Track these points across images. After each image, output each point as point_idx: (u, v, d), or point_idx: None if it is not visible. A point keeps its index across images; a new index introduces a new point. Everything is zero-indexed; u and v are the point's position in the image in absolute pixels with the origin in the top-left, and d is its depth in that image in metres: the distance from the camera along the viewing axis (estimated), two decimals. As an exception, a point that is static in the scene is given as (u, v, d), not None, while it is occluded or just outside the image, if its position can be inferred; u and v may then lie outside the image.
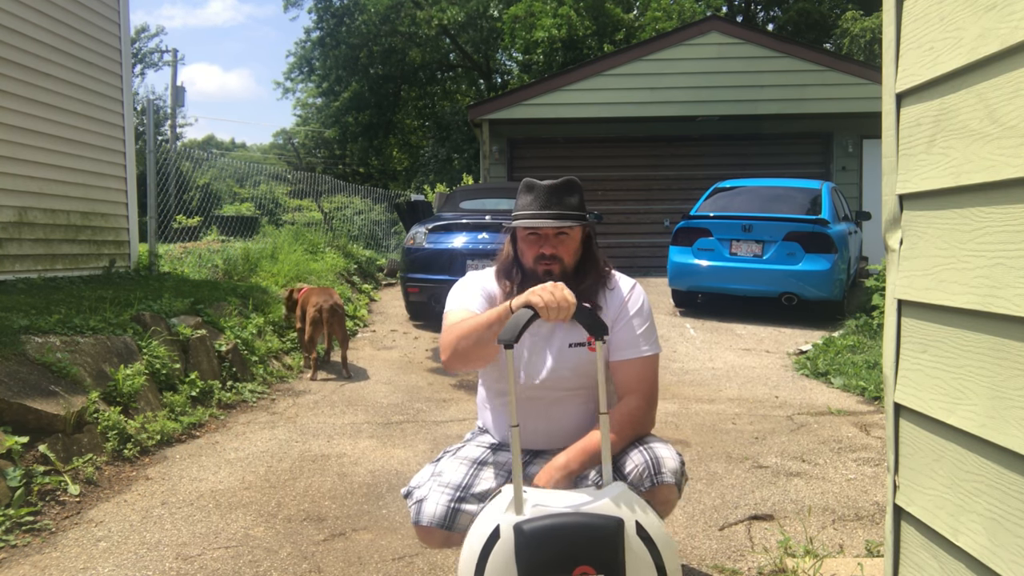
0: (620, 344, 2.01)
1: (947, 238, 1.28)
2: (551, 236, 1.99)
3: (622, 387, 2.02)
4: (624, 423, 1.93)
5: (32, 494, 2.79)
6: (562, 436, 2.01)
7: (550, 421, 2.05)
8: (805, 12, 23.87)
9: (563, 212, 1.98)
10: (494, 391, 2.17)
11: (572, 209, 1.99)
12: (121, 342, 3.98)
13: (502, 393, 2.12)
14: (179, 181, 9.34)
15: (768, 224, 7.29)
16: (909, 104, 1.41)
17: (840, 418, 4.26)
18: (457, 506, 1.92)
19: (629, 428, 1.94)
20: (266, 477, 3.25)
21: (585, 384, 2.02)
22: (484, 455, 2.09)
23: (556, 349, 2.00)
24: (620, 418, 1.93)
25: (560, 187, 2.00)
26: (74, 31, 6.25)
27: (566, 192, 2.00)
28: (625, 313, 2.02)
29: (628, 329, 2.01)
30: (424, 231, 7.25)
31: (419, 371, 5.52)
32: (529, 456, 2.07)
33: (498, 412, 2.16)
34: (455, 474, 2.00)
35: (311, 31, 27.20)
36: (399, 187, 24.12)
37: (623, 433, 1.92)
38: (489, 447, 2.13)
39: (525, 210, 2.00)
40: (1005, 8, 1.10)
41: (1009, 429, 1.11)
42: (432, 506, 1.92)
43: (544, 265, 1.99)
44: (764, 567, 2.39)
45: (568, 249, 2.01)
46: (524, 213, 2.00)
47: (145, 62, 29.72)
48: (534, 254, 2.00)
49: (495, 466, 2.05)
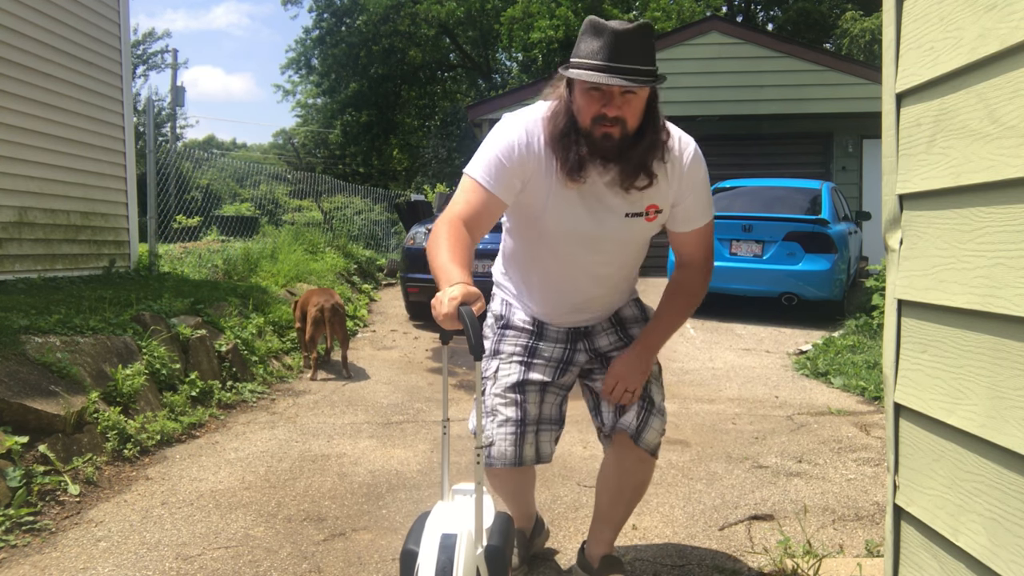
0: (683, 217, 1.93)
1: (947, 238, 1.28)
2: (616, 95, 1.70)
3: (687, 256, 2.01)
4: (690, 296, 2.00)
5: (32, 494, 2.79)
6: (603, 305, 2.04)
7: (596, 284, 2.00)
8: (805, 12, 23.86)
9: (636, 68, 1.65)
10: (526, 247, 2.01)
11: (645, 64, 1.67)
12: (121, 342, 3.98)
13: (538, 248, 1.97)
14: (179, 181, 9.33)
15: (768, 224, 7.29)
16: (909, 104, 1.40)
17: (840, 418, 4.26)
18: (521, 439, 1.96)
19: (685, 299, 2.01)
20: (266, 477, 3.25)
21: (633, 257, 2.02)
22: (523, 374, 2.01)
23: (615, 216, 1.87)
24: (688, 290, 2.00)
25: (634, 34, 1.66)
26: (74, 31, 6.25)
27: (640, 41, 1.67)
28: (688, 187, 1.89)
29: (692, 202, 1.91)
30: (424, 231, 7.25)
31: (419, 371, 5.52)
32: (568, 341, 2.05)
33: (532, 277, 2.04)
34: (509, 409, 1.99)
35: (311, 30, 27.23)
36: (399, 187, 24.12)
37: (684, 306, 2.00)
38: (524, 348, 2.04)
39: (590, 59, 1.67)
40: (1005, 8, 1.10)
41: (1009, 429, 1.11)
42: (500, 447, 1.95)
43: (604, 127, 1.73)
44: (764, 567, 2.39)
45: (634, 111, 1.73)
46: (588, 63, 1.67)
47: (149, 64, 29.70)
48: (593, 113, 1.72)
49: (543, 367, 2.03)
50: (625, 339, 2.07)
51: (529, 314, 2.07)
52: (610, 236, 1.90)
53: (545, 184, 1.83)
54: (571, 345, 2.07)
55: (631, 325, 2.11)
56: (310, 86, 29.44)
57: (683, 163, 1.87)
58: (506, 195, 1.80)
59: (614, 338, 2.09)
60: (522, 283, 2.07)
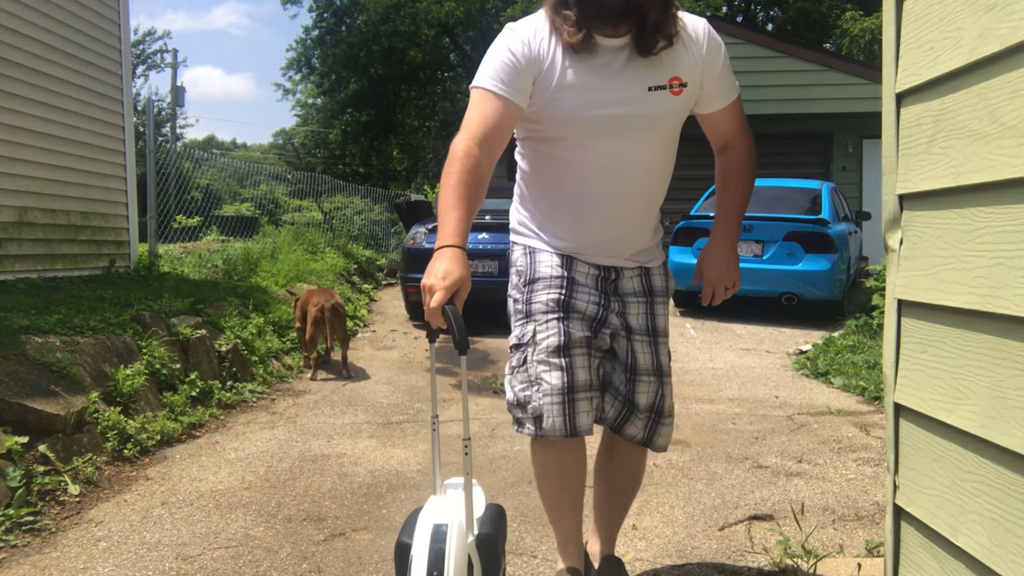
0: (715, 95, 1.86)
1: (947, 238, 1.28)
2: None
3: (724, 136, 1.93)
4: (743, 172, 1.93)
5: (32, 494, 2.79)
6: (633, 223, 1.88)
7: (627, 188, 1.84)
8: (805, 12, 23.86)
9: None
10: (547, 164, 1.86)
11: None
12: (121, 342, 3.98)
13: (561, 157, 1.82)
14: (179, 181, 9.34)
15: (768, 224, 7.30)
16: (909, 104, 1.40)
17: (840, 418, 4.26)
18: (571, 407, 1.77)
19: (743, 178, 1.93)
20: (266, 477, 3.25)
21: (663, 152, 1.85)
22: (563, 334, 1.79)
23: (636, 89, 1.75)
24: (739, 168, 1.92)
25: None
26: (74, 31, 6.25)
27: None
28: (712, 64, 1.81)
29: (719, 78, 1.83)
30: (424, 231, 7.26)
31: (419, 371, 5.52)
32: (600, 292, 1.87)
33: (558, 195, 1.86)
34: (554, 375, 1.77)
35: (311, 30, 27.24)
36: (399, 187, 24.11)
37: (745, 183, 1.93)
38: (558, 303, 1.82)
39: None
40: (1005, 8, 1.10)
41: (1009, 429, 1.11)
42: (549, 420, 1.76)
43: None
44: (764, 567, 2.39)
45: None
46: None
47: (149, 63, 29.71)
48: None
49: (580, 321, 1.82)
50: (650, 312, 1.93)
51: (557, 250, 1.89)
52: (635, 114, 1.75)
53: (558, 70, 1.74)
54: (603, 300, 1.88)
55: (658, 297, 1.97)
56: (310, 86, 29.45)
57: (699, 36, 1.81)
58: (520, 97, 1.72)
59: (642, 308, 1.93)
60: (549, 207, 1.90)
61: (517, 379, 1.83)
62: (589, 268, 1.88)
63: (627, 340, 1.89)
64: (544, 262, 1.87)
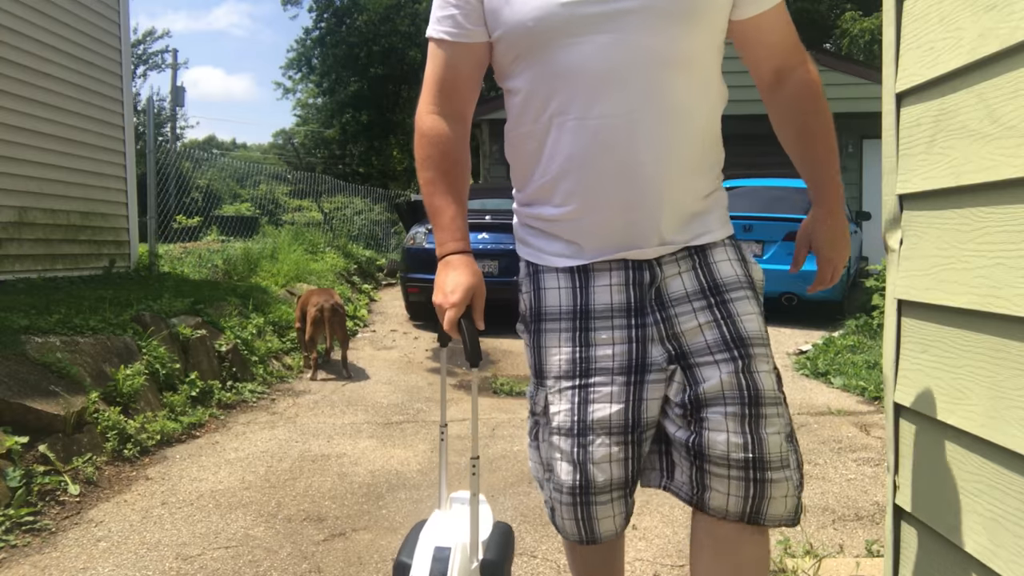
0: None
1: (947, 238, 1.28)
2: None
3: (776, 54, 1.42)
4: (819, 105, 1.44)
5: (32, 494, 2.79)
6: (667, 177, 1.32)
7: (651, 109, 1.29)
8: (805, 12, 23.86)
9: None
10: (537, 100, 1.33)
11: None
12: (121, 342, 3.98)
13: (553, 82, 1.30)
14: (179, 181, 9.34)
15: (768, 224, 7.29)
16: (909, 104, 1.40)
17: (840, 418, 4.26)
18: (586, 511, 1.33)
19: (824, 107, 1.45)
20: (266, 477, 3.25)
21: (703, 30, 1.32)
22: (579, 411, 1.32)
23: None
24: (812, 100, 1.43)
25: None
26: (74, 31, 6.25)
27: None
28: None
29: None
30: (424, 231, 7.25)
31: (419, 371, 5.52)
32: (629, 313, 1.33)
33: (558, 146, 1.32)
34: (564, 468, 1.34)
35: (311, 30, 27.25)
36: (399, 187, 24.11)
37: (826, 121, 1.45)
38: (572, 359, 1.33)
39: None
40: (1005, 8, 1.10)
41: (1009, 429, 1.11)
42: (559, 520, 1.37)
43: None
44: (764, 567, 2.39)
45: None
46: None
47: (149, 64, 29.70)
48: None
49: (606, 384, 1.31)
50: (726, 315, 1.32)
51: (565, 257, 1.38)
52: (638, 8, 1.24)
53: None
54: (637, 320, 1.33)
55: (733, 292, 1.35)
56: (310, 86, 29.46)
57: None
58: (474, 34, 1.36)
59: (707, 315, 1.32)
60: (538, 171, 1.38)
61: (531, 451, 1.47)
62: (611, 278, 1.35)
63: (687, 361, 1.31)
64: (550, 287, 1.38)
